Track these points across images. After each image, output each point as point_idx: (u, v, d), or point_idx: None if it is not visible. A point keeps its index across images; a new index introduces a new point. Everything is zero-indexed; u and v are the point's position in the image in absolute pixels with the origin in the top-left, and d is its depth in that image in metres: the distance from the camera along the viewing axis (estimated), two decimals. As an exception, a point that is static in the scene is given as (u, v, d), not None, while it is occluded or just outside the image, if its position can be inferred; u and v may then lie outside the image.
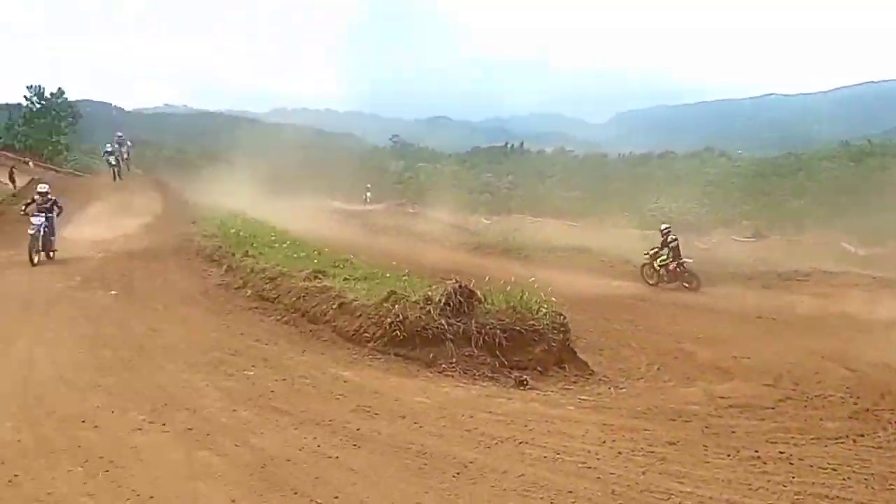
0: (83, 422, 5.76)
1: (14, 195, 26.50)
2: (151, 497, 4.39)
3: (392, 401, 6.73)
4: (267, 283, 11.42)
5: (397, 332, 8.40)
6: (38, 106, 57.93)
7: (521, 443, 5.70)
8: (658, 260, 18.30)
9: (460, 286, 8.52)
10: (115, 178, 28.07)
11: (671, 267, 18.05)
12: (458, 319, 8.33)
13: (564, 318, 8.97)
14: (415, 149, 64.04)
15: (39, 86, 58.46)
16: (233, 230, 16.32)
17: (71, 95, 60.41)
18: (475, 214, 38.85)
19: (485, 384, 7.70)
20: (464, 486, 4.82)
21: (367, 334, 8.75)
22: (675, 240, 18.20)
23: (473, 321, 8.30)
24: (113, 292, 11.72)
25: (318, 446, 5.41)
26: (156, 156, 53.33)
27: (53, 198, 14.98)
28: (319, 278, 10.70)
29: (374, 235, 24.79)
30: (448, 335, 8.20)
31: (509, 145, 62.09)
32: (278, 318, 10.24)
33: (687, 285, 17.61)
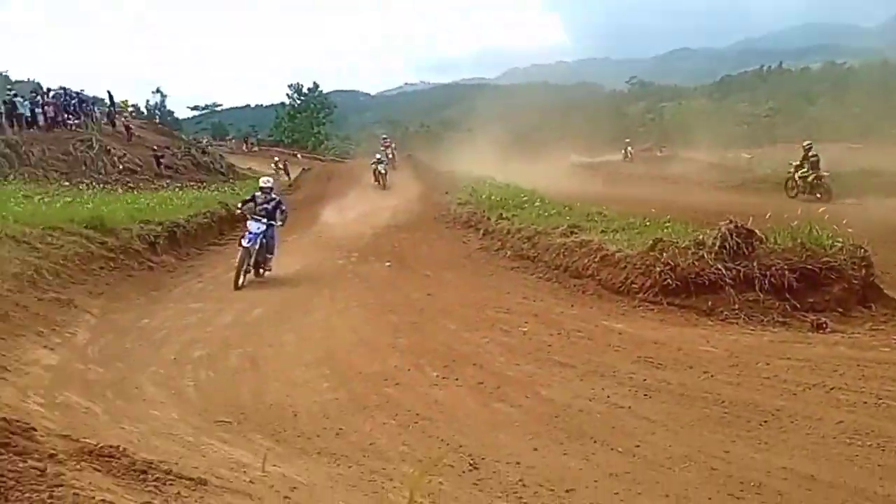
0: (386, 380, 6.29)
1: (290, 185, 30.27)
2: (460, 446, 4.67)
3: (674, 350, 6.46)
4: (524, 243, 11.64)
5: (668, 280, 8.02)
6: (299, 102, 65.26)
7: (832, 389, 5.15)
8: (799, 173, 19.27)
9: (736, 226, 7.85)
10: (382, 186, 25.10)
11: (809, 179, 18.92)
12: (737, 263, 7.70)
13: (865, 251, 7.84)
14: (655, 88, 60.64)
15: (298, 83, 65.75)
16: (484, 196, 16.87)
17: (324, 89, 67.23)
18: (732, 149, 35.52)
19: (776, 329, 7.07)
20: (775, 434, 4.49)
21: (634, 285, 8.49)
22: (816, 156, 19.13)
23: (755, 263, 7.61)
24: (387, 264, 12.75)
25: (608, 397, 5.38)
26: (402, 134, 56.99)
27: (278, 197, 12.06)
28: (576, 233, 10.63)
29: (622, 185, 23.94)
30: (726, 280, 7.63)
31: (764, 68, 56.03)
32: (540, 275, 10.39)
33: (819, 196, 18.11)
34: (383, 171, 25.38)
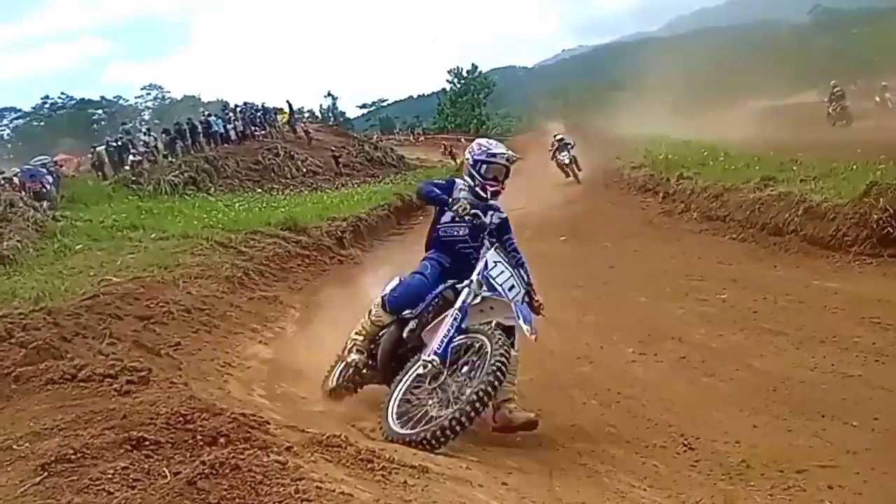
0: (579, 358, 6.14)
1: (457, 169, 30.80)
2: (670, 426, 4.42)
3: (905, 309, 5.68)
4: (712, 202, 10.88)
5: (889, 229, 7.10)
6: (459, 86, 66.14)
7: None
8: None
9: (973, 159, 6.73)
10: (576, 180, 19.82)
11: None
12: (976, 200, 6.61)
13: None
14: (843, 13, 53.82)
15: (458, 67, 66.59)
16: (661, 156, 16.00)
17: (482, 68, 67.60)
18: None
19: None
20: None
21: (847, 238, 7.63)
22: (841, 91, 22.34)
23: None
24: (562, 238, 12.52)
25: (833, 365, 4.85)
26: (565, 102, 55.76)
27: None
28: (771, 186, 9.73)
29: (812, 127, 21.62)
30: (964, 221, 6.58)
31: None
32: (733, 236, 9.68)
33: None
34: (568, 162, 19.39)
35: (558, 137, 20.44)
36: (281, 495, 2.18)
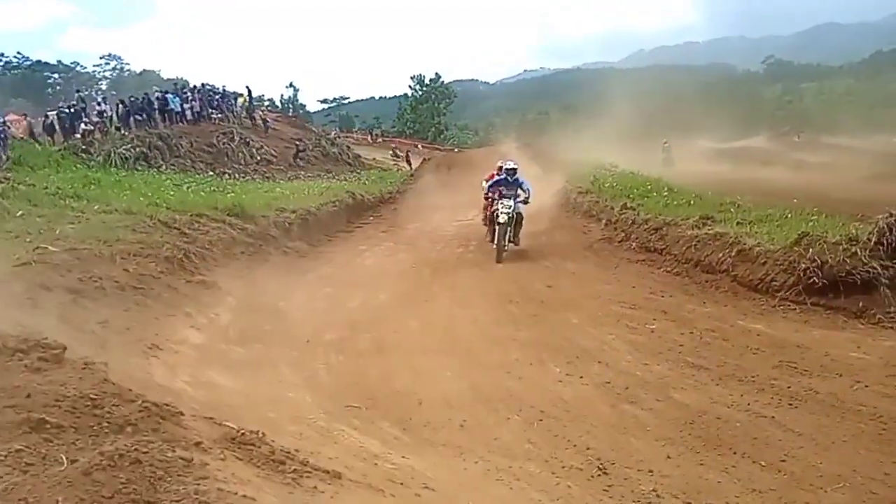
0: (508, 373, 6.24)
1: (411, 175, 30.87)
2: (588, 448, 4.55)
3: (821, 356, 5.98)
4: (651, 234, 11.14)
5: (814, 278, 7.41)
6: (421, 93, 66.41)
7: None
8: None
9: (896, 220, 7.13)
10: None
11: None
12: (895, 261, 7.00)
13: None
14: (794, 67, 56.45)
15: (420, 75, 66.94)
16: (606, 184, 16.34)
17: (445, 79, 68.06)
18: (880, 134, 32.45)
19: (938, 338, 6.37)
20: (946, 459, 4.03)
21: (775, 283, 7.91)
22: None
23: (918, 262, 6.89)
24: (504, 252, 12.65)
25: (749, 404, 5.07)
26: (520, 121, 56.45)
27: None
28: (709, 225, 10.05)
29: (755, 172, 22.49)
30: (882, 280, 6.96)
31: (924, 43, 50.68)
32: (668, 269, 9.90)
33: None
34: (504, 221, 12.09)
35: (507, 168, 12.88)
36: (179, 494, 2.13)
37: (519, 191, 12.30)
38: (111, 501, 2.03)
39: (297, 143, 30.27)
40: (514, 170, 12.53)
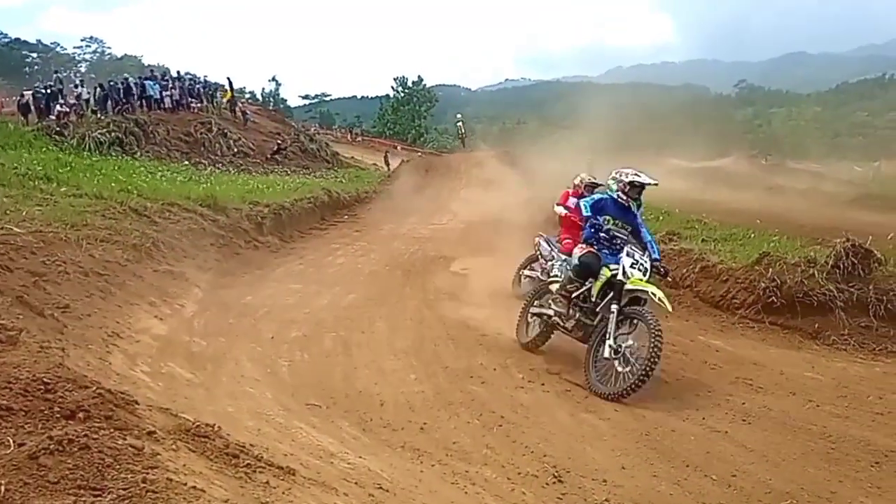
0: (471, 377, 6.28)
1: (388, 176, 30.83)
2: (545, 455, 4.59)
3: (776, 374, 6.16)
4: (620, 248, 11.30)
5: (773, 298, 7.62)
6: (403, 94, 66.45)
7: (955, 433, 4.72)
8: None
9: (853, 245, 7.34)
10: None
11: None
12: (851, 284, 7.24)
13: None
14: (765, 92, 57.86)
15: (403, 77, 66.99)
16: (581, 195, 16.49)
17: (428, 83, 68.23)
18: (844, 161, 33.35)
19: (889, 360, 6.61)
20: (888, 478, 4.20)
21: (735, 300, 8.13)
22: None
23: (871, 287, 7.12)
24: (482, 259, 12.71)
25: (703, 419, 5.17)
26: (500, 130, 56.74)
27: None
28: (675, 240, 10.25)
29: (722, 192, 22.87)
30: (837, 302, 7.18)
31: (887, 76, 52.27)
32: (633, 282, 10.04)
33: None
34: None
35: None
36: (127, 482, 2.11)
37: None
38: (56, 486, 2.01)
39: (279, 140, 29.92)
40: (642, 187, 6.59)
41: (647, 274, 6.17)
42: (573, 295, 6.43)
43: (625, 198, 6.45)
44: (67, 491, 2.02)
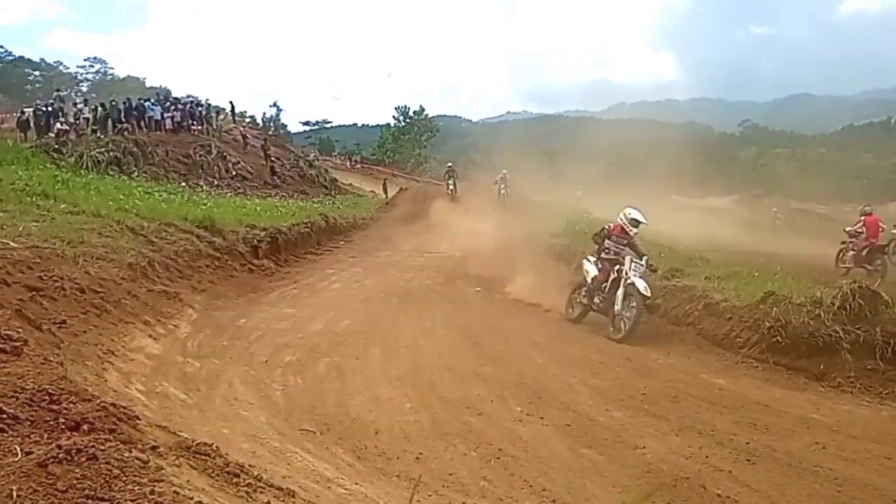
0: (468, 408, 6.14)
1: (387, 203, 30.95)
2: (544, 490, 4.47)
3: (780, 414, 6.05)
4: (621, 282, 11.25)
5: (778, 338, 7.53)
6: (404, 124, 67.07)
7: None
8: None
9: (860, 286, 7.30)
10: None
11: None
12: (857, 326, 7.15)
13: None
14: (769, 133, 58.39)
15: (405, 106, 67.64)
16: (579, 229, 16.52)
17: (429, 112, 68.89)
18: (849, 203, 33.55)
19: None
20: (898, 526, 4.05)
21: (739, 339, 8.03)
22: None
23: (878, 329, 7.03)
24: (477, 289, 12.70)
25: (707, 457, 5.05)
26: (499, 162, 57.01)
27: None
28: (678, 277, 10.20)
29: (725, 230, 22.97)
30: (843, 344, 7.08)
31: (893, 120, 52.96)
32: (635, 317, 9.98)
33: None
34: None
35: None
36: (135, 494, 2.07)
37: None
38: (65, 495, 1.96)
39: (273, 162, 29.92)
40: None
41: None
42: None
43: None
44: (76, 500, 1.98)
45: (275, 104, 79.93)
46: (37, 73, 72.97)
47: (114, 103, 26.26)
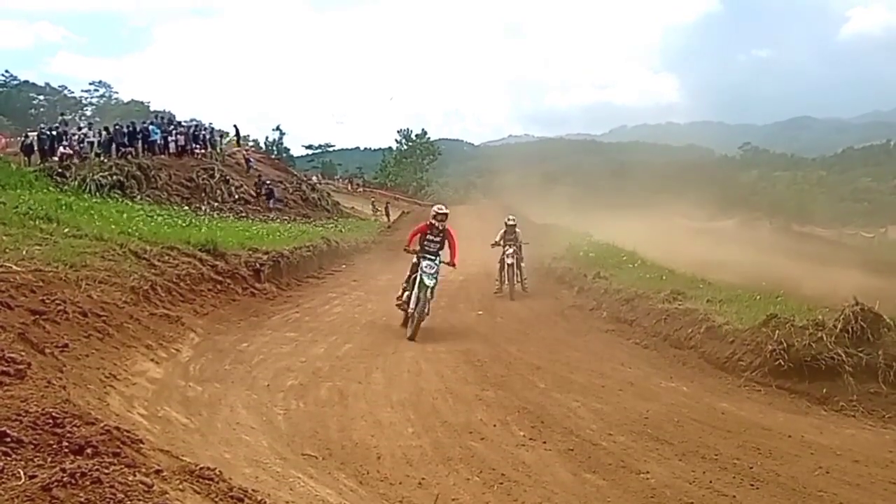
0: (470, 433, 6.12)
1: (389, 227, 31.01)
2: (548, 515, 4.44)
3: (784, 438, 6.01)
4: (622, 305, 11.26)
5: (780, 361, 7.51)
6: (406, 147, 67.54)
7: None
8: None
9: (862, 309, 7.29)
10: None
11: None
12: (860, 349, 7.14)
13: None
14: (769, 155, 58.71)
15: (408, 129, 68.18)
16: (581, 252, 16.56)
17: (431, 135, 69.41)
18: (849, 226, 33.62)
19: (901, 428, 6.46)
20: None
21: (741, 362, 8.01)
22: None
23: (881, 352, 7.02)
24: (479, 313, 12.69)
25: (711, 482, 5.02)
26: (500, 184, 57.38)
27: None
28: (679, 300, 10.19)
29: (726, 252, 22.89)
30: (846, 367, 7.07)
31: (893, 143, 53.23)
32: (637, 341, 9.99)
33: None
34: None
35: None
36: None
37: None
38: None
39: (266, 183, 29.80)
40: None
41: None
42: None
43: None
44: (80, 524, 1.96)
45: (278, 128, 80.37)
46: (41, 97, 73.71)
47: (118, 127, 26.46)
